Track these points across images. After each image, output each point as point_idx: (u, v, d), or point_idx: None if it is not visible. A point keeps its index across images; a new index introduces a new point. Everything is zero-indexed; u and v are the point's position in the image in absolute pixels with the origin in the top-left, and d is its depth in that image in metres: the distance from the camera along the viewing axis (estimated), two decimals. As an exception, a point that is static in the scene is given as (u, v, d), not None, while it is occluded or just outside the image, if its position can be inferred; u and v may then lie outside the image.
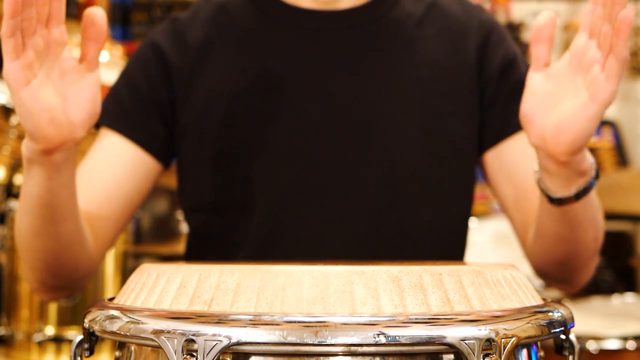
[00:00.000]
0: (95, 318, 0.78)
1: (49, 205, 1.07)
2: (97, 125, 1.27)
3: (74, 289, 1.26)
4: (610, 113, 4.81)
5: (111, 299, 0.85)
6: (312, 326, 0.68)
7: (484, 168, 1.32)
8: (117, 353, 0.82)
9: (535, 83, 1.05)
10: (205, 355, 0.68)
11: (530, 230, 1.22)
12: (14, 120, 1.87)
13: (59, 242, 1.12)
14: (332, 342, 0.68)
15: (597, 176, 1.09)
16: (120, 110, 1.27)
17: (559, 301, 0.83)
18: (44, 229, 1.10)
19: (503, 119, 1.28)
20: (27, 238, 1.13)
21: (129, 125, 1.27)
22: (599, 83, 0.98)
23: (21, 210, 1.12)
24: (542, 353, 0.83)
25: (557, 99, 1.03)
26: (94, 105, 1.03)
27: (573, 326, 0.81)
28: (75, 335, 1.28)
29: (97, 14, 1.02)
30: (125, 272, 1.72)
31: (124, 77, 1.31)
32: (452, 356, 0.71)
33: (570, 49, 1.03)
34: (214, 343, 0.68)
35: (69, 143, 1.02)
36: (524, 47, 4.86)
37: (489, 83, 1.29)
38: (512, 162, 1.27)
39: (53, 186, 1.05)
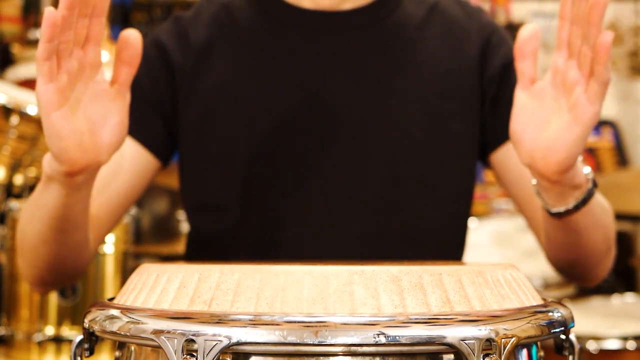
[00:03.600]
0: (95, 318, 0.78)
1: (62, 217, 1.07)
2: None
3: (69, 283, 1.27)
4: (610, 113, 4.81)
5: (111, 299, 0.85)
6: (312, 326, 0.68)
7: (493, 169, 1.32)
8: (117, 353, 0.82)
9: (522, 101, 1.04)
10: (205, 355, 0.68)
11: (542, 231, 1.23)
12: (14, 120, 1.87)
13: (66, 249, 1.13)
14: (332, 342, 0.68)
15: (595, 185, 1.08)
16: None
17: (559, 301, 0.83)
18: (52, 237, 1.10)
19: (506, 121, 1.28)
20: (33, 242, 1.13)
21: (131, 123, 1.26)
22: (581, 105, 0.97)
23: (30, 216, 1.12)
24: (542, 353, 0.83)
25: (544, 118, 1.02)
26: (122, 129, 1.02)
27: (573, 326, 0.81)
28: (75, 335, 1.29)
29: (132, 36, 1.00)
30: (125, 272, 1.72)
31: None
32: (452, 356, 0.71)
33: (552, 68, 1.02)
34: (214, 343, 0.68)
35: (93, 166, 1.01)
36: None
37: (491, 84, 1.29)
38: (519, 163, 1.27)
39: (69, 202, 1.05)
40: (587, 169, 1.08)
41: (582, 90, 0.97)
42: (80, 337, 0.82)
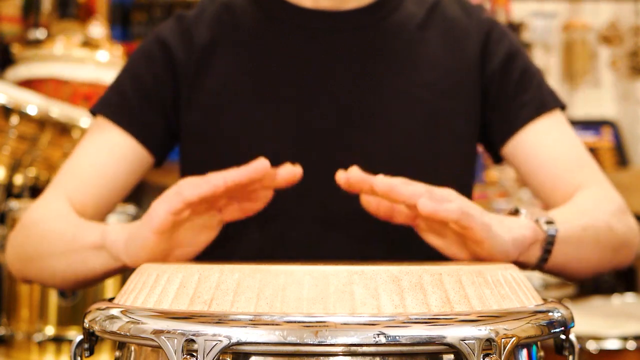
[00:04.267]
0: (95, 318, 0.78)
1: (94, 278, 1.12)
2: (94, 113, 1.28)
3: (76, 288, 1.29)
4: (610, 113, 4.82)
5: (111, 299, 0.85)
6: (312, 326, 0.68)
7: (509, 163, 1.32)
8: (117, 353, 0.82)
9: (432, 242, 1.06)
10: (205, 355, 0.68)
11: None
12: (14, 120, 1.87)
13: (81, 266, 1.14)
14: (332, 342, 0.68)
15: (554, 233, 1.06)
16: (122, 103, 1.27)
17: (559, 301, 0.83)
18: (73, 279, 1.14)
19: (512, 113, 1.28)
20: (49, 271, 1.16)
21: (129, 118, 1.27)
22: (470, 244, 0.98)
23: (60, 253, 1.13)
24: (542, 353, 0.83)
25: (455, 247, 1.03)
26: (195, 251, 1.05)
27: (573, 326, 0.81)
28: (75, 335, 1.29)
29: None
30: (125, 272, 1.72)
31: (129, 71, 1.31)
32: (452, 356, 0.71)
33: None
34: (214, 343, 0.68)
35: None
36: (524, 48, 4.86)
37: (492, 80, 1.29)
38: (532, 151, 1.27)
39: (110, 272, 1.10)
40: (542, 218, 1.07)
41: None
42: (80, 337, 0.82)
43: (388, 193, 0.95)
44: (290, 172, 1.06)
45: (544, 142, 1.26)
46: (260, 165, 0.98)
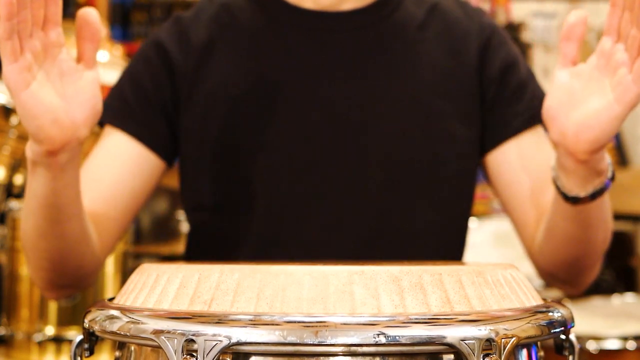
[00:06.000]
0: (95, 318, 0.78)
1: (53, 205, 1.07)
2: (102, 124, 1.27)
3: (79, 287, 1.27)
4: (610, 113, 4.81)
5: (111, 299, 0.85)
6: (312, 326, 0.68)
7: (485, 169, 1.32)
8: (117, 353, 0.82)
9: (562, 79, 1.06)
10: (205, 355, 0.68)
11: (539, 231, 1.22)
12: (14, 120, 1.87)
13: (64, 242, 1.13)
14: (332, 342, 0.68)
15: (613, 177, 1.09)
16: (125, 109, 1.27)
17: (559, 301, 0.83)
18: (49, 229, 1.10)
19: (504, 121, 1.28)
20: (32, 239, 1.13)
21: (134, 124, 1.26)
22: (626, 85, 0.99)
23: (26, 211, 1.12)
24: (542, 353, 0.83)
25: (582, 97, 1.04)
26: (95, 103, 1.03)
27: (573, 326, 0.81)
28: (75, 335, 1.29)
29: (91, 14, 1.02)
30: (125, 272, 1.72)
31: (128, 75, 1.31)
32: (452, 356, 0.71)
33: (597, 52, 1.04)
34: (214, 343, 0.68)
35: (73, 143, 1.02)
36: (524, 48, 4.85)
37: (490, 85, 1.29)
38: (515, 165, 1.27)
39: (57, 186, 1.05)
40: (609, 159, 1.08)
41: (627, 71, 0.99)
42: (80, 337, 0.82)
43: None
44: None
45: (531, 154, 1.26)
46: None
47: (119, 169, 1.23)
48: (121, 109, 1.27)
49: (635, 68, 0.98)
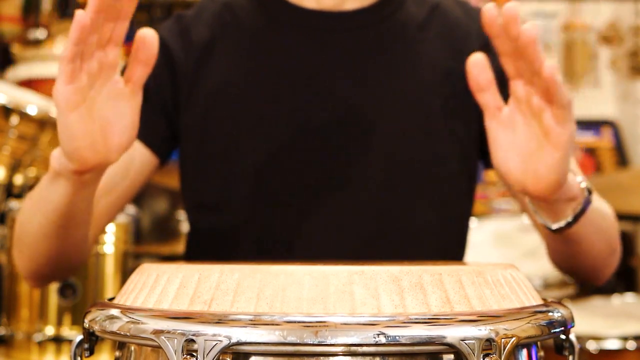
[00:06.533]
0: (95, 318, 0.79)
1: (66, 214, 1.07)
2: None
3: (64, 278, 1.28)
4: (610, 113, 4.81)
5: (111, 299, 0.85)
6: (312, 326, 0.68)
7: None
8: (117, 353, 0.82)
9: (494, 133, 1.04)
10: (205, 355, 0.68)
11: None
12: (14, 120, 1.87)
13: (67, 245, 1.13)
14: (332, 342, 0.68)
15: (590, 193, 1.07)
16: None
17: (559, 301, 0.83)
18: (54, 232, 1.11)
19: None
20: (34, 237, 1.14)
21: None
22: (554, 130, 0.97)
23: (33, 210, 1.12)
24: (542, 353, 0.83)
25: (522, 146, 1.02)
26: (133, 130, 1.02)
27: (573, 326, 0.81)
28: (75, 335, 1.29)
29: (149, 36, 1.00)
30: (125, 272, 1.72)
31: None
32: (452, 356, 0.71)
33: (513, 98, 1.02)
34: (214, 343, 0.68)
35: (103, 165, 1.02)
36: (524, 47, 4.84)
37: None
38: None
39: (75, 199, 1.05)
40: (579, 178, 1.08)
41: (550, 116, 0.97)
42: (80, 337, 0.82)
43: (527, 45, 0.94)
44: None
45: None
46: None
47: (122, 167, 1.23)
48: None
49: (555, 113, 0.96)
